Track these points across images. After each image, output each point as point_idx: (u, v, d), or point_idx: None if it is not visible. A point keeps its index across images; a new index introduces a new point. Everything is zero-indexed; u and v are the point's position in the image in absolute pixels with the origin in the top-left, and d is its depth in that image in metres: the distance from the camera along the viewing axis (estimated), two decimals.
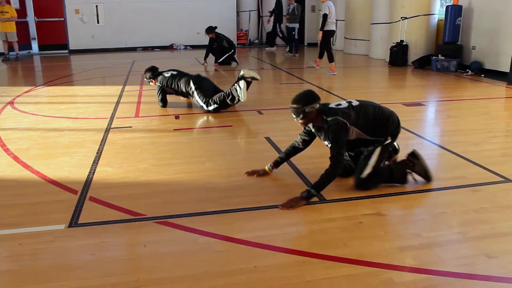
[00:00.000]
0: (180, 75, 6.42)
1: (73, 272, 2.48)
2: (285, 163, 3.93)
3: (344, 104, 3.52)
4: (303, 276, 2.41)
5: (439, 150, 4.66)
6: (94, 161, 4.21)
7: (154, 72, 6.49)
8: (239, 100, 5.94)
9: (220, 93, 6.08)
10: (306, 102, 3.35)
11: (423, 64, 10.38)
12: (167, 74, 6.41)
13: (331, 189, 3.51)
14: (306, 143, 3.74)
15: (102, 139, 4.90)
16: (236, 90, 5.92)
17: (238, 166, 4.06)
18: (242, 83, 5.90)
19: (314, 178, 3.71)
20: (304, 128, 3.69)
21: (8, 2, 13.06)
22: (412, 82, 9.32)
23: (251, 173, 3.84)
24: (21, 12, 14.37)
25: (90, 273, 2.46)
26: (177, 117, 5.92)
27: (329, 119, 3.38)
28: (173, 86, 6.34)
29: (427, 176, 3.70)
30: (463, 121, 5.81)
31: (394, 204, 3.39)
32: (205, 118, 5.97)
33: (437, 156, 4.53)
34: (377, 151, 3.53)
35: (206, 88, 6.27)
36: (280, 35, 14.70)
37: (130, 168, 4.04)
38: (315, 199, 3.35)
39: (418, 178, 3.69)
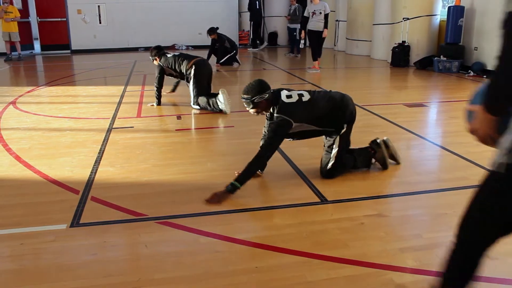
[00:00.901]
0: (182, 56, 6.56)
1: (74, 272, 2.48)
2: (287, 163, 4.00)
3: (294, 97, 3.55)
4: (304, 276, 2.41)
5: (440, 151, 4.65)
6: (96, 161, 4.21)
7: (159, 51, 6.61)
8: (221, 111, 6.13)
9: (206, 100, 6.22)
10: (255, 93, 3.47)
11: (425, 65, 10.38)
12: (169, 55, 6.58)
13: (332, 190, 3.52)
14: None
15: (104, 139, 4.91)
16: (218, 104, 6.11)
17: (240, 167, 4.02)
18: (221, 96, 6.07)
19: (315, 178, 3.73)
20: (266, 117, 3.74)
21: (11, 3, 13.11)
22: (414, 83, 9.32)
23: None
24: (24, 12, 14.40)
25: (91, 273, 2.47)
26: (178, 117, 5.93)
27: (275, 115, 3.46)
28: (172, 66, 6.47)
29: (384, 164, 3.96)
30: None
31: (395, 205, 3.39)
32: (207, 119, 5.98)
33: (438, 157, 4.53)
34: (336, 142, 3.67)
35: (202, 79, 6.40)
36: (252, 36, 14.80)
37: (132, 168, 4.04)
38: (316, 199, 3.36)
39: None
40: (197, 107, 6.30)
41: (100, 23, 15.13)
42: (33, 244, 2.77)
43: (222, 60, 10.78)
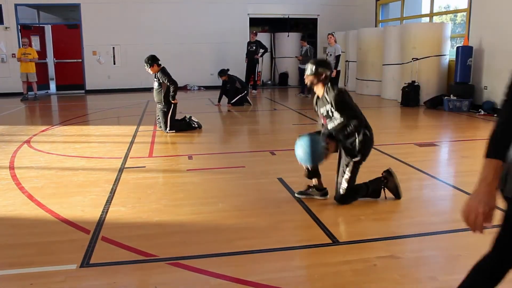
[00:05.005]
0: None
1: None
2: (298, 204, 3.99)
3: None
4: None
5: (453, 191, 4.61)
6: (107, 201, 4.23)
7: (158, 61, 7.85)
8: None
9: (179, 124, 7.71)
10: (322, 64, 3.93)
11: (435, 104, 10.41)
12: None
13: (344, 231, 3.48)
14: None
15: (116, 179, 4.94)
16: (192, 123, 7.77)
17: (251, 207, 4.05)
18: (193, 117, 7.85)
19: (327, 218, 3.70)
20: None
21: (30, 45, 13.55)
22: (425, 122, 9.32)
23: None
24: (42, 53, 14.85)
25: None
26: (190, 157, 5.96)
27: (332, 91, 3.89)
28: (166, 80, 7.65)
29: (397, 193, 4.11)
30: (477, 161, 5.72)
31: (408, 246, 3.33)
32: (218, 159, 6.01)
33: (451, 197, 4.48)
34: (350, 166, 3.90)
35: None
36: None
37: (143, 208, 4.05)
38: (328, 240, 3.32)
39: (389, 195, 4.13)
40: (173, 131, 7.52)
41: (114, 64, 15.47)
42: (43, 284, 2.75)
43: (233, 101, 10.92)
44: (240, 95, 11.03)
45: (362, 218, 3.75)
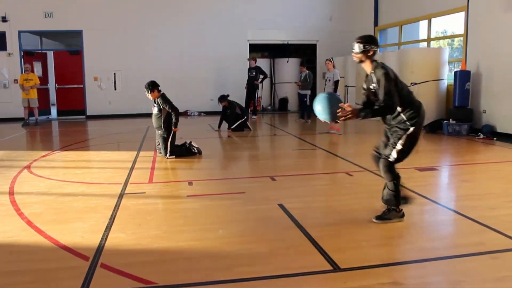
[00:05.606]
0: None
1: None
2: (299, 230, 3.97)
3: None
4: None
5: (454, 215, 4.59)
6: (107, 227, 4.20)
7: (158, 86, 7.90)
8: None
9: (179, 150, 7.72)
10: (370, 41, 4.03)
11: (435, 128, 10.45)
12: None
13: (345, 257, 3.45)
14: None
15: (116, 205, 4.92)
16: (192, 149, 7.79)
17: (251, 234, 4.03)
18: (193, 142, 7.89)
19: (327, 245, 3.67)
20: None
21: (32, 70, 13.69)
22: (425, 146, 9.32)
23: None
24: (43, 79, 14.99)
25: None
26: (190, 183, 5.95)
27: (377, 69, 3.98)
28: (168, 107, 7.72)
29: (384, 218, 4.14)
30: (478, 185, 5.75)
31: (410, 272, 3.30)
32: (218, 185, 6.00)
33: (452, 222, 4.46)
34: (403, 138, 4.00)
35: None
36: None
37: (143, 235, 4.02)
38: (329, 267, 3.29)
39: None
40: (173, 156, 7.51)
41: (115, 89, 15.59)
42: None
43: (233, 126, 10.97)
44: (240, 121, 11.09)
45: (363, 244, 3.73)
